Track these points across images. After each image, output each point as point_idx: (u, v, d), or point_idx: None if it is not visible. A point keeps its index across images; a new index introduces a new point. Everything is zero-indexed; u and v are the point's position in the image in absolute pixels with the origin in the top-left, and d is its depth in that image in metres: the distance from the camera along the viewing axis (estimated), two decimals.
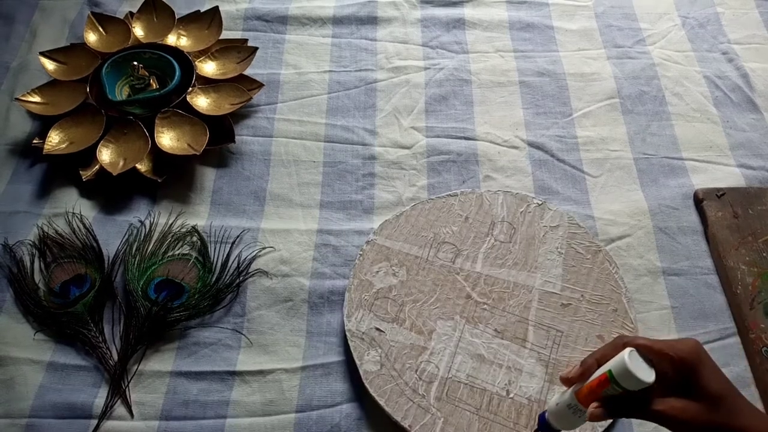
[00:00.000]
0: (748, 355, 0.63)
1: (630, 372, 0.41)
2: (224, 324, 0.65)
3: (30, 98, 0.78)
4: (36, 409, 0.59)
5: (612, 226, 0.72)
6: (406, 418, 0.57)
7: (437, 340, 0.62)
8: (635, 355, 0.42)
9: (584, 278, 0.66)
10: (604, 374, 0.42)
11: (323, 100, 0.83)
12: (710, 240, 0.71)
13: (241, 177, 0.76)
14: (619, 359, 0.42)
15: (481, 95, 0.85)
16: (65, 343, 0.63)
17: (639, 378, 0.40)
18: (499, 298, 0.65)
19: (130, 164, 0.73)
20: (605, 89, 0.85)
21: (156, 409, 0.59)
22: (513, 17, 0.94)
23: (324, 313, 0.65)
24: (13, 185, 0.75)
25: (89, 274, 0.67)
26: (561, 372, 0.53)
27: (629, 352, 0.42)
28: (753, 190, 0.74)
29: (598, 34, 0.93)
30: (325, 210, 0.73)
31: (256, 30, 0.91)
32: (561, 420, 0.47)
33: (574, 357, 0.61)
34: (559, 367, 0.60)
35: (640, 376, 0.41)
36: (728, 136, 0.81)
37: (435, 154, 0.78)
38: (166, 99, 0.78)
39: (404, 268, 0.67)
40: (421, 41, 0.91)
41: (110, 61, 0.80)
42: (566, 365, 0.61)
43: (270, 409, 0.60)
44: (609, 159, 0.78)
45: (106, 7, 0.93)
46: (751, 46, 0.91)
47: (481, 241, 0.69)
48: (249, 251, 0.69)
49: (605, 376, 0.42)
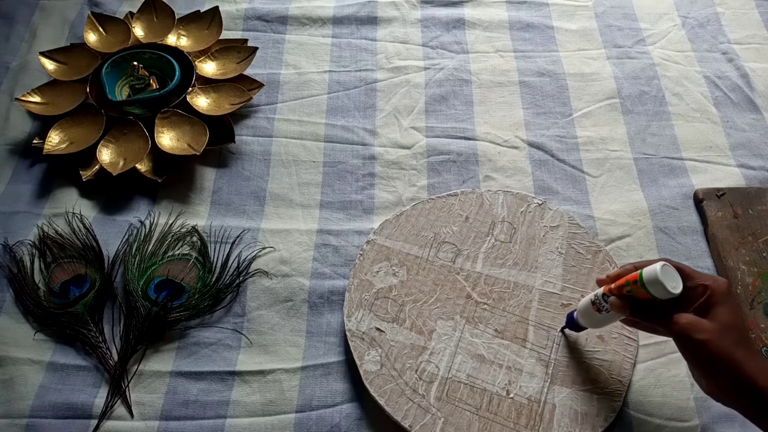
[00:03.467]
0: None
1: (659, 279, 0.45)
2: (224, 324, 0.65)
3: (30, 98, 0.78)
4: (36, 409, 0.59)
5: (612, 226, 0.72)
6: (406, 418, 0.57)
7: (437, 340, 0.62)
8: (668, 268, 0.46)
9: (584, 278, 0.66)
10: (636, 274, 0.47)
11: (323, 100, 0.83)
12: (710, 240, 0.71)
13: (241, 177, 0.76)
14: (652, 267, 0.46)
15: (481, 95, 0.85)
16: (65, 343, 0.63)
17: (665, 286, 0.45)
18: (499, 298, 0.65)
19: (130, 164, 0.73)
20: (605, 89, 0.85)
21: (156, 409, 0.59)
22: (513, 17, 0.94)
23: (324, 313, 0.65)
24: (13, 185, 0.75)
25: (89, 274, 0.67)
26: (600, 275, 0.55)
27: (663, 264, 0.46)
28: (753, 190, 0.74)
29: (598, 34, 0.93)
30: (325, 210, 0.73)
31: (256, 30, 0.91)
32: (587, 316, 0.52)
33: (574, 357, 0.61)
34: (560, 368, 0.60)
35: (667, 285, 0.45)
36: (728, 136, 0.81)
37: (435, 154, 0.78)
38: (166, 99, 0.78)
39: (404, 268, 0.67)
40: (421, 41, 0.91)
41: (110, 61, 0.80)
42: (566, 366, 0.61)
43: (270, 409, 0.60)
44: (609, 159, 0.78)
45: (106, 7, 0.93)
46: (751, 46, 0.91)
47: (481, 241, 0.69)
48: (249, 251, 0.69)
49: (636, 275, 0.47)
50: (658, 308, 0.48)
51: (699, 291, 0.47)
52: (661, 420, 0.59)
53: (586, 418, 0.58)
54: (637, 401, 0.60)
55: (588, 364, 0.61)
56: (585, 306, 0.52)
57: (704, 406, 0.60)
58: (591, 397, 0.59)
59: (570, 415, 0.58)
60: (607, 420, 0.58)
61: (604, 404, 0.58)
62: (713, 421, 0.59)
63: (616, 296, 0.49)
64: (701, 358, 0.46)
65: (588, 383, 0.59)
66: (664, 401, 0.60)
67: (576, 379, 0.60)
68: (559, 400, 0.58)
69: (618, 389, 0.59)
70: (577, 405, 0.58)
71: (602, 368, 0.60)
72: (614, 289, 0.49)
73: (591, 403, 0.58)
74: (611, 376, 0.60)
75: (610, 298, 0.49)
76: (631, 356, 0.61)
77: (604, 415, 0.58)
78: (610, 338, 0.62)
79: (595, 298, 0.51)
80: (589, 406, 0.58)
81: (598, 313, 0.51)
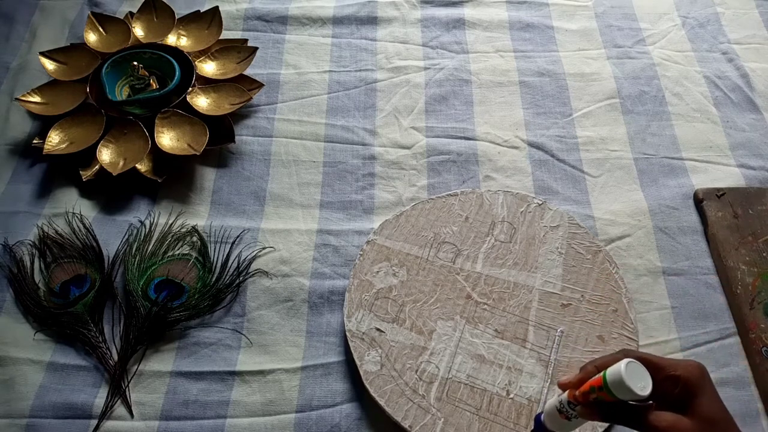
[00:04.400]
0: (748, 355, 0.63)
1: (624, 383, 0.40)
2: (224, 324, 0.65)
3: (30, 98, 0.78)
4: (36, 409, 0.59)
5: (612, 226, 0.72)
6: (407, 419, 0.57)
7: (437, 340, 0.62)
8: (633, 366, 0.41)
9: (584, 278, 0.66)
10: (599, 377, 0.42)
11: (323, 100, 0.83)
12: (710, 240, 0.71)
13: (241, 177, 0.76)
14: (616, 368, 0.41)
15: (481, 95, 0.85)
16: (65, 343, 0.63)
17: (632, 389, 0.40)
18: (499, 298, 0.65)
19: (130, 164, 0.73)
20: (605, 89, 0.85)
21: (156, 409, 0.59)
22: (513, 17, 0.94)
23: (324, 313, 0.65)
24: (13, 185, 0.75)
25: (89, 274, 0.67)
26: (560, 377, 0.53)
27: (627, 362, 0.41)
28: (753, 190, 0.74)
29: (598, 34, 0.93)
30: (325, 210, 0.73)
31: (256, 30, 0.91)
32: (554, 422, 0.47)
33: (574, 357, 0.61)
34: (560, 368, 0.60)
35: (634, 388, 0.40)
36: (728, 136, 0.81)
37: (435, 154, 0.78)
38: (166, 99, 0.78)
39: (404, 268, 0.67)
40: (421, 41, 0.91)
41: (110, 61, 0.80)
42: (566, 366, 0.61)
43: (270, 409, 0.60)
44: (609, 159, 0.78)
45: (106, 7, 0.93)
46: (751, 46, 0.91)
47: (481, 241, 0.69)
48: (249, 251, 0.69)
49: (600, 379, 0.42)
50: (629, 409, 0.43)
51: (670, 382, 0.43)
52: None
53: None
54: None
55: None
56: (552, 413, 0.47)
57: None
58: None
59: None
60: None
61: None
62: None
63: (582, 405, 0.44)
64: None
65: None
66: None
67: None
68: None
69: None
70: None
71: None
72: (579, 397, 0.44)
73: None
74: None
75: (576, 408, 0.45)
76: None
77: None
78: (610, 338, 0.62)
79: (561, 406, 0.46)
80: None
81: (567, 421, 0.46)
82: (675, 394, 0.42)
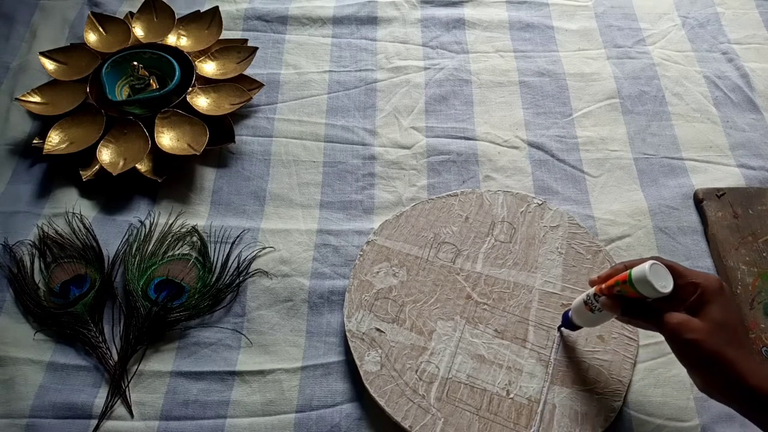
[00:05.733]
0: None
1: (647, 279, 0.44)
2: (224, 324, 0.65)
3: (30, 98, 0.78)
4: (36, 409, 0.59)
5: (612, 226, 0.72)
6: (407, 419, 0.57)
7: (437, 340, 0.62)
8: (657, 267, 0.45)
9: (584, 278, 0.66)
10: (626, 274, 0.47)
11: (323, 100, 0.83)
12: (710, 240, 0.71)
13: (241, 177, 0.76)
14: (642, 267, 0.45)
15: (481, 95, 0.85)
16: (65, 343, 0.63)
17: (654, 286, 0.44)
18: (499, 298, 0.65)
19: (130, 164, 0.73)
20: (605, 89, 0.85)
21: (156, 409, 0.59)
22: (513, 17, 0.94)
23: (324, 313, 0.65)
24: (13, 185, 0.75)
25: (89, 274, 0.67)
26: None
27: (652, 263, 0.45)
28: (753, 190, 0.74)
29: (598, 34, 0.93)
30: (325, 210, 0.73)
31: (256, 30, 0.91)
32: (580, 316, 0.52)
33: (574, 357, 0.61)
34: (560, 368, 0.60)
35: (656, 285, 0.44)
36: (728, 136, 0.81)
37: (435, 154, 0.78)
38: (166, 99, 0.78)
39: (404, 269, 0.67)
40: (421, 41, 0.91)
41: (110, 61, 0.80)
42: (567, 366, 0.61)
43: (270, 409, 0.60)
44: (609, 159, 0.78)
45: (106, 7, 0.93)
46: (751, 46, 0.91)
47: (481, 241, 0.69)
48: (249, 251, 0.69)
49: (626, 275, 0.46)
50: (649, 307, 0.47)
51: (690, 289, 0.47)
52: (661, 420, 0.59)
53: (586, 418, 0.58)
54: (637, 401, 0.60)
55: (588, 364, 0.61)
56: (578, 305, 0.53)
57: (704, 407, 0.60)
58: (591, 397, 0.59)
59: (570, 415, 0.58)
60: (607, 420, 0.58)
61: (604, 404, 0.58)
62: (713, 421, 0.59)
63: (607, 296, 0.49)
64: (692, 358, 0.46)
65: (588, 383, 0.59)
66: (664, 401, 0.60)
67: (576, 379, 0.60)
68: (559, 400, 0.59)
69: (618, 389, 0.59)
70: (577, 405, 0.58)
71: (602, 368, 0.60)
72: (605, 289, 0.49)
73: (591, 403, 0.58)
74: (611, 376, 0.60)
75: (600, 298, 0.49)
76: (631, 356, 0.61)
77: (604, 415, 0.58)
78: (610, 338, 0.62)
79: (587, 298, 0.51)
80: (589, 406, 0.58)
81: (591, 313, 0.51)
82: (692, 300, 0.46)
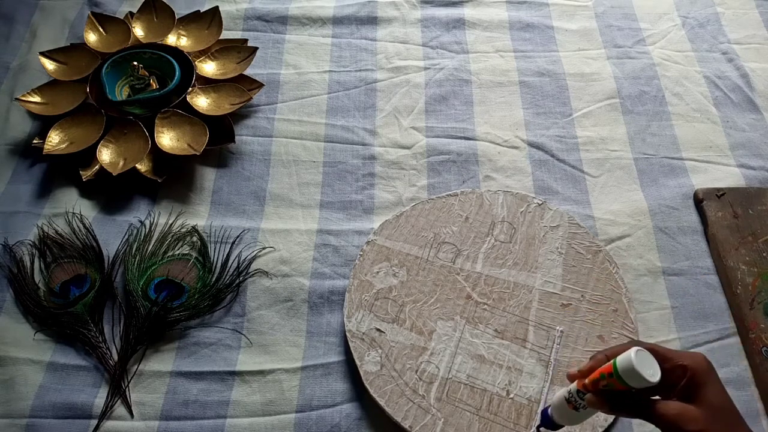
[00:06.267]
0: (748, 355, 0.63)
1: (635, 369, 0.41)
2: (224, 324, 0.65)
3: (30, 98, 0.78)
4: (36, 409, 0.59)
5: (612, 226, 0.72)
6: (407, 419, 0.57)
7: (437, 340, 0.62)
8: (642, 354, 0.42)
9: (584, 278, 0.66)
10: (610, 365, 0.43)
11: (323, 100, 0.83)
12: (710, 240, 0.71)
13: (241, 177, 0.76)
14: (626, 355, 0.42)
15: (481, 95, 0.85)
16: (65, 343, 0.63)
17: (643, 376, 0.41)
18: (499, 298, 0.65)
19: (130, 164, 0.73)
20: (605, 89, 0.85)
21: (156, 409, 0.59)
22: (513, 17, 0.94)
23: (324, 313, 0.65)
24: (13, 185, 0.75)
25: (89, 274, 0.67)
26: (562, 375, 0.53)
27: (637, 350, 0.42)
28: (753, 190, 0.74)
29: (598, 34, 0.93)
30: (325, 210, 0.73)
31: (256, 30, 0.91)
32: (562, 414, 0.47)
33: (574, 357, 0.61)
34: (560, 368, 0.60)
35: (644, 374, 0.41)
36: (728, 136, 0.81)
37: (435, 154, 0.78)
38: (166, 99, 0.78)
39: (404, 269, 0.67)
40: (421, 41, 0.91)
41: (110, 61, 0.80)
42: (567, 366, 0.61)
43: (270, 409, 0.60)
44: (609, 159, 0.78)
45: (106, 7, 0.93)
46: (751, 46, 0.91)
47: (481, 241, 0.69)
48: (249, 251, 0.69)
49: (610, 367, 0.43)
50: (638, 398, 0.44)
51: (678, 372, 0.43)
52: None
53: None
54: None
55: None
56: (560, 404, 0.47)
57: None
58: None
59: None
60: (607, 420, 0.58)
61: None
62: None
63: (592, 392, 0.44)
64: None
65: None
66: None
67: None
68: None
69: None
70: None
71: None
72: (589, 385, 0.45)
73: None
74: None
75: (586, 396, 0.45)
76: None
77: (604, 415, 0.58)
78: (610, 338, 0.62)
79: (570, 396, 0.46)
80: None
81: (575, 411, 0.46)
82: (682, 383, 0.43)
